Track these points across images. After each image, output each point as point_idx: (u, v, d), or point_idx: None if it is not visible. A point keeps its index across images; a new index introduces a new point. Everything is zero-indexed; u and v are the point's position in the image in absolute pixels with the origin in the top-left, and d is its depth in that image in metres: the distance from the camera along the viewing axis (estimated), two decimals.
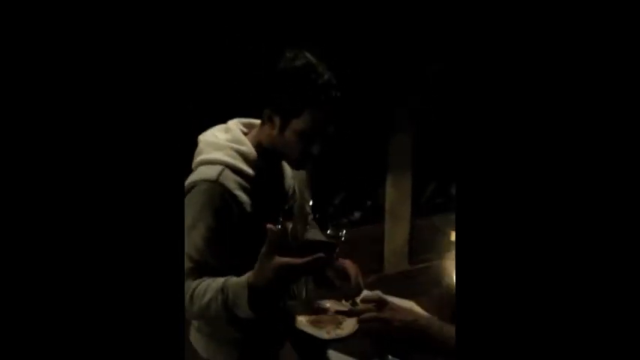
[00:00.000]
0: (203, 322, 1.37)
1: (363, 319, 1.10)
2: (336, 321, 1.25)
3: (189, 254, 1.16)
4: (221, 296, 1.10)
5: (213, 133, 1.28)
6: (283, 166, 1.38)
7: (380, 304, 1.10)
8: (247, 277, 1.08)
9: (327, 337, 1.19)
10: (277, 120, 1.18)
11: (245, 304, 1.06)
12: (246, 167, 1.22)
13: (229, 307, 1.09)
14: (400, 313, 1.08)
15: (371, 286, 1.44)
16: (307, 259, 1.03)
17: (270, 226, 1.04)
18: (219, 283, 1.11)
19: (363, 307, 1.13)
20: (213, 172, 1.18)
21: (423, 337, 1.04)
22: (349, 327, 1.18)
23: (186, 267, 1.16)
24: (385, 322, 1.07)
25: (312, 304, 1.27)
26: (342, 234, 1.29)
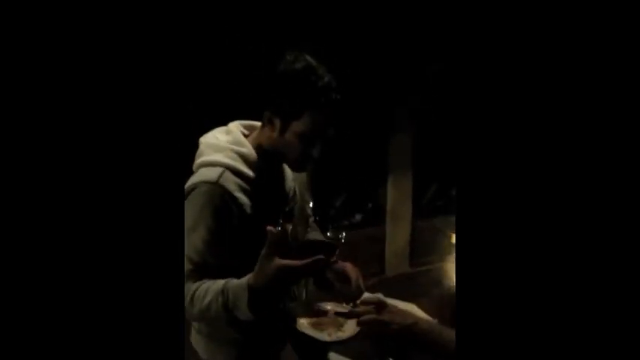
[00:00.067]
0: (203, 323, 1.36)
1: (361, 321, 1.10)
2: (338, 323, 1.25)
3: (189, 256, 1.15)
4: (221, 298, 1.10)
5: (214, 135, 1.28)
6: (284, 168, 1.38)
7: (379, 307, 1.10)
8: (247, 279, 1.08)
9: (328, 339, 1.19)
10: (277, 122, 1.18)
11: (245, 306, 1.06)
12: (247, 169, 1.22)
13: (230, 308, 1.09)
14: (399, 316, 1.08)
15: (372, 288, 1.44)
16: (307, 261, 1.03)
17: (270, 228, 1.04)
18: (220, 285, 1.11)
19: (363, 309, 1.12)
20: (213, 174, 1.17)
21: (422, 340, 1.04)
22: (350, 329, 1.18)
23: (187, 269, 1.15)
24: (384, 325, 1.06)
25: (312, 306, 1.27)
26: (342, 236, 1.29)
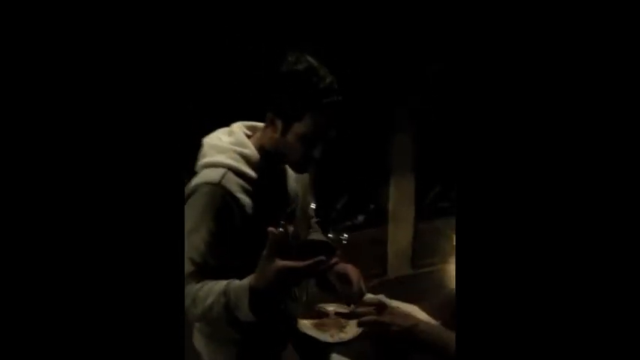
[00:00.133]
0: (204, 324, 1.37)
1: (362, 322, 1.10)
2: (340, 324, 1.25)
3: (191, 257, 1.16)
4: (223, 299, 1.10)
5: (217, 136, 1.28)
6: (286, 169, 1.38)
7: (380, 308, 1.10)
8: (249, 280, 1.08)
9: (330, 340, 1.19)
10: (279, 123, 1.18)
11: (246, 307, 1.07)
12: (249, 170, 1.22)
13: (231, 309, 1.09)
14: (400, 318, 1.08)
15: (374, 290, 1.44)
16: (308, 262, 1.04)
17: (271, 229, 1.04)
18: (222, 286, 1.11)
19: (363, 310, 1.12)
20: (215, 175, 1.18)
21: (422, 342, 1.04)
22: (352, 330, 1.18)
23: (189, 270, 1.16)
24: (384, 326, 1.06)
25: (313, 307, 1.27)
26: (344, 237, 1.29)
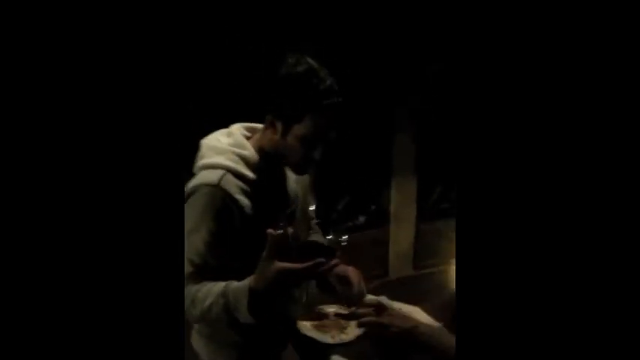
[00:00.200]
0: (203, 325, 1.37)
1: (361, 322, 1.10)
2: (340, 326, 1.25)
3: (190, 258, 1.16)
4: (222, 300, 1.10)
5: (216, 137, 1.28)
6: (286, 170, 1.38)
7: (379, 309, 1.10)
8: (248, 282, 1.08)
9: (331, 341, 1.19)
10: (279, 125, 1.18)
11: (245, 309, 1.07)
12: (248, 171, 1.21)
13: (230, 311, 1.10)
14: (399, 319, 1.08)
15: (375, 291, 1.44)
16: (307, 264, 1.04)
17: (270, 231, 1.04)
18: (221, 288, 1.11)
19: (363, 312, 1.12)
20: (214, 177, 1.17)
21: (421, 344, 1.04)
22: (353, 332, 1.18)
23: (188, 271, 1.16)
24: (383, 327, 1.06)
25: (313, 309, 1.27)
26: (343, 239, 1.29)
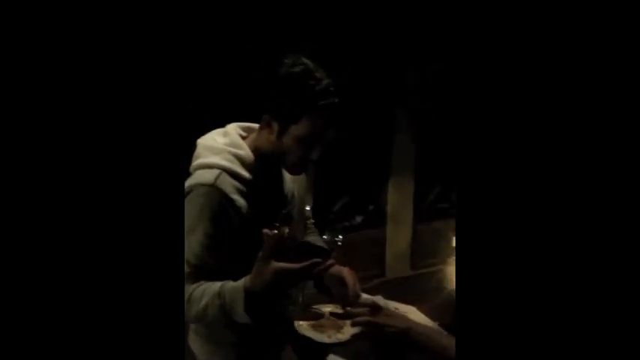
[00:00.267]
0: (200, 325, 1.36)
1: (355, 322, 1.11)
2: (337, 325, 1.25)
3: (186, 258, 1.15)
4: (218, 300, 1.10)
5: (212, 137, 1.28)
6: (282, 170, 1.37)
7: (374, 309, 1.10)
8: (244, 282, 1.08)
9: (328, 341, 1.20)
10: (276, 125, 1.18)
11: (241, 309, 1.07)
12: (244, 171, 1.21)
13: (226, 311, 1.09)
14: (393, 319, 1.08)
15: (372, 291, 1.44)
16: (303, 264, 1.04)
17: (266, 231, 1.03)
18: (216, 288, 1.11)
19: (357, 311, 1.13)
20: (210, 176, 1.17)
21: (416, 344, 1.04)
22: (350, 331, 1.18)
23: (185, 271, 1.15)
24: (378, 327, 1.06)
25: (310, 309, 1.27)
26: (339, 239, 1.29)
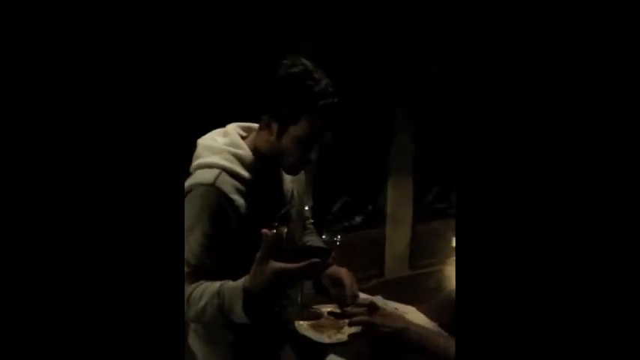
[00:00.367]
0: (199, 325, 1.36)
1: (352, 322, 1.11)
2: (337, 325, 1.26)
3: (186, 258, 1.15)
4: (217, 300, 1.10)
5: (212, 137, 1.28)
6: (281, 170, 1.37)
7: (371, 309, 1.10)
8: (243, 282, 1.08)
9: (327, 341, 1.21)
10: (275, 126, 1.18)
11: (240, 309, 1.07)
12: (244, 171, 1.21)
13: (225, 311, 1.09)
14: (390, 319, 1.08)
15: (372, 291, 1.44)
16: (302, 265, 1.04)
17: (265, 231, 1.03)
18: (215, 287, 1.11)
19: (354, 311, 1.13)
20: (210, 176, 1.17)
21: (412, 345, 1.04)
22: (350, 331, 1.18)
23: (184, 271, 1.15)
24: (374, 327, 1.07)
25: (309, 309, 1.27)
26: (337, 239, 1.29)
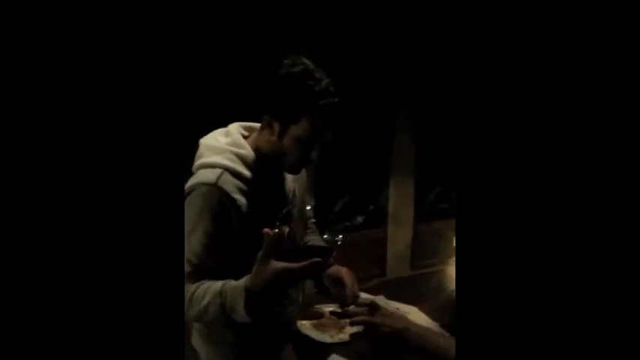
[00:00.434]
0: (201, 325, 1.37)
1: (352, 322, 1.11)
2: (339, 325, 1.26)
3: (188, 258, 1.15)
4: (219, 300, 1.10)
5: (214, 137, 1.28)
6: (283, 170, 1.37)
7: (372, 309, 1.10)
8: (244, 281, 1.08)
9: (329, 340, 1.20)
10: (276, 126, 1.18)
11: (242, 309, 1.07)
12: (246, 170, 1.21)
13: (227, 311, 1.10)
14: (390, 319, 1.08)
15: (373, 291, 1.44)
16: (303, 264, 1.04)
17: (266, 231, 1.04)
18: (218, 287, 1.12)
19: (355, 310, 1.13)
20: (212, 176, 1.17)
21: (412, 345, 1.04)
22: (351, 331, 1.18)
23: (186, 270, 1.15)
24: (374, 327, 1.07)
25: (311, 308, 1.27)
26: (339, 239, 1.29)
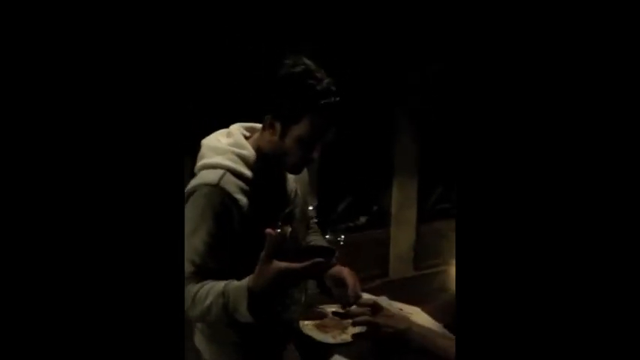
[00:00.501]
0: (204, 325, 1.37)
1: (355, 322, 1.11)
2: (342, 326, 1.25)
3: (191, 258, 1.16)
4: (222, 300, 1.10)
5: (216, 138, 1.29)
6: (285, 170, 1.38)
7: (374, 309, 1.10)
8: (247, 282, 1.08)
9: (332, 341, 1.20)
10: (278, 126, 1.18)
11: (245, 309, 1.07)
12: (247, 171, 1.21)
13: (230, 311, 1.10)
14: (393, 320, 1.08)
15: (376, 291, 1.44)
16: (306, 264, 1.04)
17: (269, 231, 1.04)
18: (220, 287, 1.12)
19: (357, 311, 1.13)
20: (214, 177, 1.18)
21: (415, 345, 1.04)
22: (354, 332, 1.18)
23: (188, 271, 1.16)
24: (377, 327, 1.06)
25: (314, 309, 1.27)
26: (341, 239, 1.29)
